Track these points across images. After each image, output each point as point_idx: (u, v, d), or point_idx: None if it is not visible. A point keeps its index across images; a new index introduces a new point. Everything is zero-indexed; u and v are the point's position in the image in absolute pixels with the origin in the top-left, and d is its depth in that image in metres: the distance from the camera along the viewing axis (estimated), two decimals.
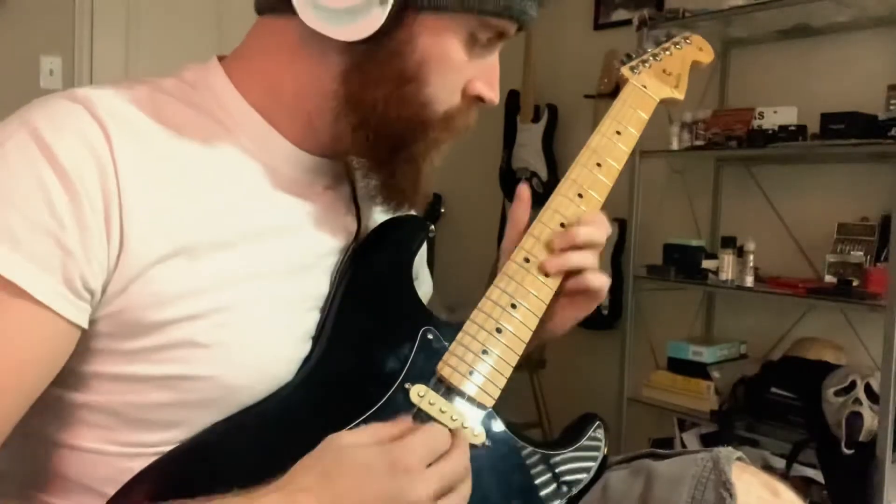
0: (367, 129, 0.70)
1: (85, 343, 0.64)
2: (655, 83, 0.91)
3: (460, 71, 0.72)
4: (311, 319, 0.74)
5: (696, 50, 0.97)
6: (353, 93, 0.70)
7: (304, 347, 0.72)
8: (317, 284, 0.75)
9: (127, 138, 0.64)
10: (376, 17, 0.65)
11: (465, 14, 0.68)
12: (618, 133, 0.86)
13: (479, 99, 0.74)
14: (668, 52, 0.95)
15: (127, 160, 0.63)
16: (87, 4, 2.71)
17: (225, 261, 0.67)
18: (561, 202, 0.81)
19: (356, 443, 0.62)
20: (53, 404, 0.66)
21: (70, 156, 0.61)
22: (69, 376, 0.65)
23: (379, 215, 0.84)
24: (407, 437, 0.63)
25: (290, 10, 0.67)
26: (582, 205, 0.81)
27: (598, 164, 0.83)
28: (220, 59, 0.75)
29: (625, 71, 0.91)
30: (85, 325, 0.63)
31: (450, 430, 0.68)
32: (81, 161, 0.61)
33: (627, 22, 2.62)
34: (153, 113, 0.68)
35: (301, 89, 0.71)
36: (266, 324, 0.69)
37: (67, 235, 0.60)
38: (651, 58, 0.94)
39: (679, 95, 0.92)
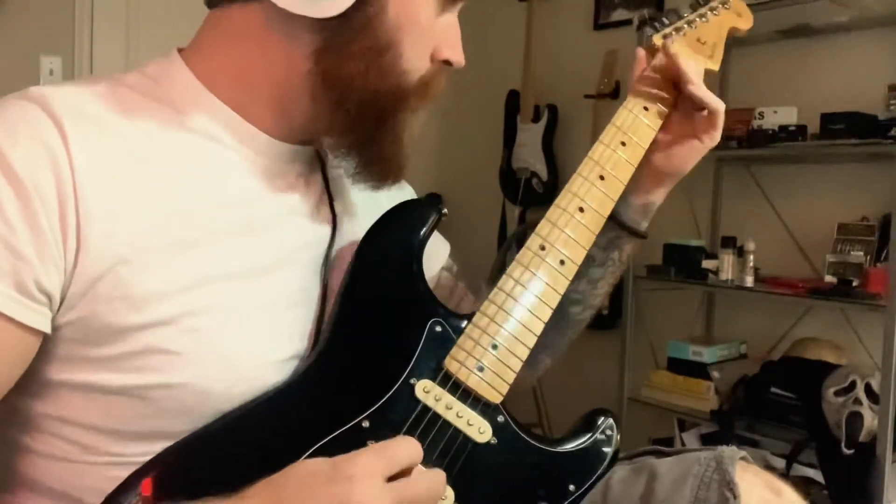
0: (348, 105, 0.69)
1: (52, 350, 0.63)
2: (690, 53, 0.85)
3: (430, 35, 0.71)
4: (292, 317, 0.71)
5: (734, 16, 0.89)
6: (329, 70, 0.68)
7: (290, 346, 0.70)
8: (292, 280, 0.72)
9: (85, 135, 0.62)
10: None
11: None
12: (645, 108, 0.83)
13: (447, 63, 0.74)
14: (703, 19, 0.87)
15: (84, 158, 0.61)
16: (87, 4, 2.71)
17: (193, 261, 0.65)
18: (581, 185, 0.78)
19: (310, 460, 0.60)
20: (29, 417, 0.65)
21: (22, 158, 0.59)
22: (41, 387, 0.64)
23: (357, 200, 0.81)
24: (361, 450, 0.60)
25: None
26: (602, 188, 0.78)
27: (624, 143, 0.80)
28: (180, 51, 0.73)
29: (657, 39, 0.85)
30: (45, 328, 0.61)
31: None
32: (34, 163, 0.60)
33: (627, 22, 2.62)
34: (115, 108, 0.66)
35: (274, 75, 0.70)
36: (240, 326, 0.67)
37: (18, 239, 0.58)
38: (685, 25, 0.86)
39: (714, 66, 0.86)
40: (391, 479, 0.59)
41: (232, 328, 0.66)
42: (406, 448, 0.61)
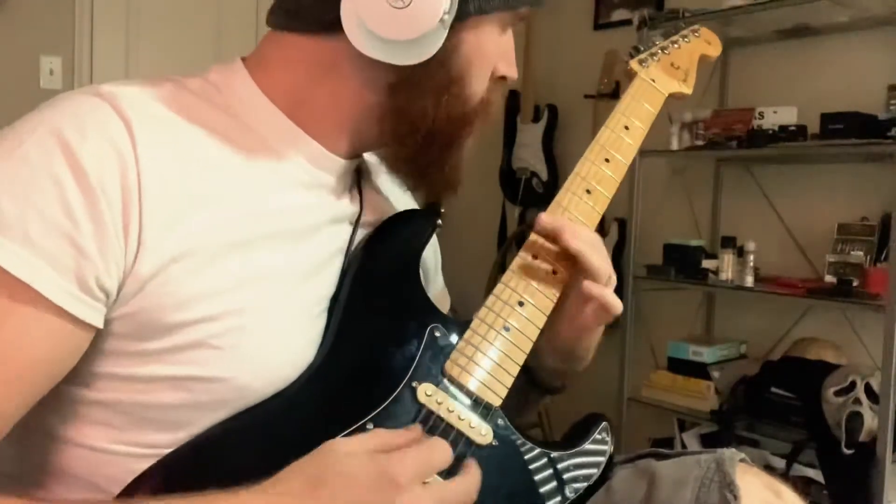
0: (417, 135, 0.71)
1: (99, 343, 0.64)
2: (664, 77, 0.91)
3: (493, 58, 0.74)
4: (322, 323, 0.73)
5: (704, 43, 0.97)
6: (400, 105, 0.70)
7: (314, 352, 0.72)
8: (328, 286, 0.74)
9: (151, 135, 0.64)
10: (436, 42, 0.67)
11: (507, 11, 0.71)
12: (626, 128, 0.86)
13: (502, 78, 0.76)
14: (676, 46, 0.94)
15: (149, 157, 0.63)
16: (87, 4, 2.71)
17: (242, 262, 0.66)
18: (570, 199, 0.81)
19: (349, 451, 0.61)
20: (63, 401, 0.66)
21: (90, 154, 0.60)
22: (81, 374, 0.65)
23: (388, 211, 0.83)
24: (402, 450, 0.62)
25: (326, 33, 0.68)
26: (590, 201, 0.81)
27: (607, 160, 0.83)
28: (243, 59, 0.74)
29: (633, 64, 0.90)
30: (99, 324, 0.62)
31: (461, 459, 0.67)
32: (102, 159, 0.61)
33: (627, 22, 2.62)
34: (178, 111, 0.68)
35: (338, 103, 0.72)
36: (281, 327, 0.69)
37: (82, 235, 0.59)
38: (660, 51, 0.93)
39: (687, 90, 0.92)
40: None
41: (272, 329, 0.68)
42: (442, 452, 0.65)
